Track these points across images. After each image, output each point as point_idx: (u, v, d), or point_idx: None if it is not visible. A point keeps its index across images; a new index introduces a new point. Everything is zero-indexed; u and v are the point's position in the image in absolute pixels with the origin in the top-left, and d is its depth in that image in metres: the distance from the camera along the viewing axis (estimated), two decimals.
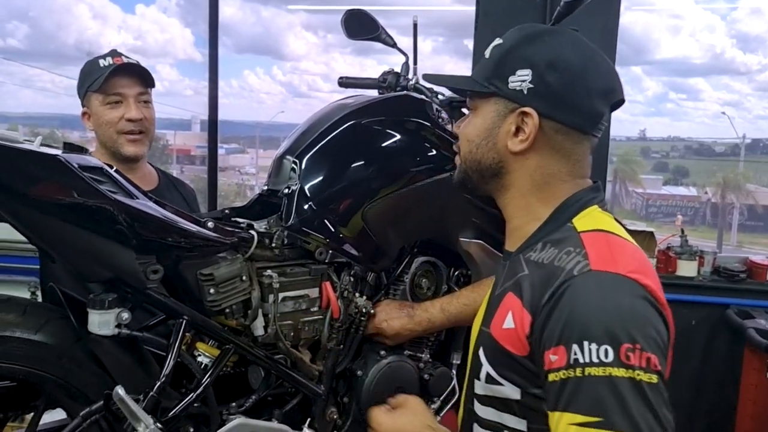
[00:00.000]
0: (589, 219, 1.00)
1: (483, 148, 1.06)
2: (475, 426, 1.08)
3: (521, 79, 0.99)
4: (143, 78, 1.77)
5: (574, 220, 1.01)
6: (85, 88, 1.76)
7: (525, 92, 0.99)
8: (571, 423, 0.83)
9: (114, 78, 1.71)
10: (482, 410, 1.06)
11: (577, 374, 0.84)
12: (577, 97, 0.99)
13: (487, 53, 1.06)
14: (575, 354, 0.84)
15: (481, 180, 1.09)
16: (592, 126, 1.02)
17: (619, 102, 1.06)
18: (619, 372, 0.82)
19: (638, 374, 0.82)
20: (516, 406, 0.98)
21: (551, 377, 0.87)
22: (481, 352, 1.04)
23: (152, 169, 1.93)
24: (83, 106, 1.80)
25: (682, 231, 3.19)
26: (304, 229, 1.35)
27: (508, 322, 0.97)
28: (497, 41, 1.06)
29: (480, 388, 1.05)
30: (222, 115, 3.48)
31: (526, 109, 1.00)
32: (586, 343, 0.84)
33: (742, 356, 2.84)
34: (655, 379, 0.83)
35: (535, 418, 0.95)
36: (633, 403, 0.81)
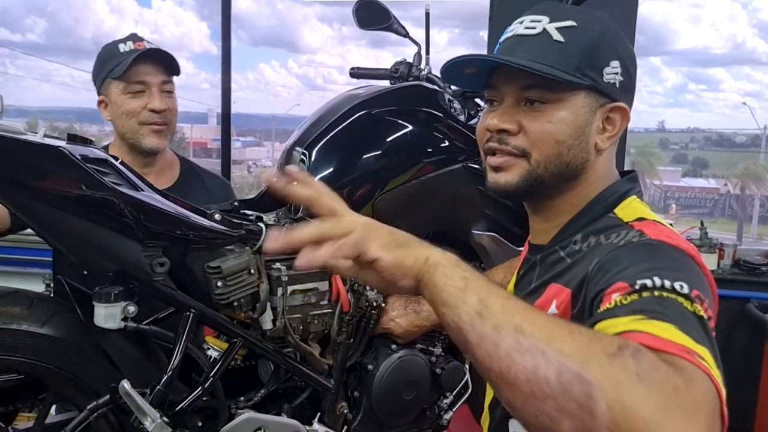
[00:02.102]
0: (631, 210, 0.95)
1: (575, 149, 0.94)
2: (513, 421, 1.01)
3: (614, 71, 0.93)
4: (168, 65, 1.65)
5: (615, 210, 0.95)
6: (103, 75, 1.63)
7: (617, 86, 0.93)
8: (634, 320, 0.70)
9: (137, 65, 1.59)
10: None
11: (643, 295, 0.72)
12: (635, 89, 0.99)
13: (557, 36, 0.92)
14: (642, 281, 0.73)
15: (554, 184, 0.96)
16: None
17: None
18: (693, 308, 0.71)
19: (707, 319, 0.72)
20: None
21: (606, 305, 0.74)
22: None
23: (175, 161, 1.81)
24: (100, 94, 1.66)
25: (702, 223, 3.13)
26: (313, 221, 1.32)
27: (552, 311, 0.91)
28: (566, 23, 0.93)
29: None
30: (238, 108, 3.48)
31: (621, 104, 0.94)
32: (656, 278, 0.73)
33: (762, 350, 2.79)
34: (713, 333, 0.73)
35: None
36: (697, 327, 0.70)
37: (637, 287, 0.73)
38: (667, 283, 0.73)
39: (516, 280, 1.09)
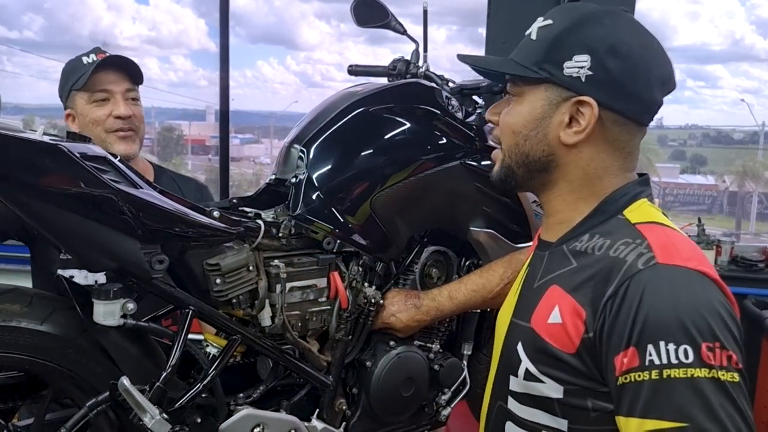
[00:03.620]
0: (640, 212, 0.96)
1: (532, 140, 0.97)
2: (509, 424, 1.03)
3: (579, 65, 0.92)
4: (131, 74, 1.67)
5: (624, 212, 0.96)
6: (68, 88, 1.66)
7: (583, 80, 0.92)
8: (653, 429, 0.78)
9: (100, 73, 1.62)
10: (518, 408, 1.01)
11: (653, 377, 0.79)
12: (636, 86, 0.93)
13: (532, 34, 0.97)
14: (650, 355, 0.79)
15: (526, 175, 1.01)
16: (650, 117, 0.98)
17: (671, 90, 1.00)
18: (701, 372, 0.77)
19: (721, 374, 0.78)
20: (556, 405, 0.93)
21: (622, 380, 0.82)
22: (520, 348, 0.98)
23: (148, 169, 1.83)
24: (66, 107, 1.69)
25: (699, 220, 3.14)
26: (311, 218, 1.33)
27: (554, 317, 0.92)
28: (544, 21, 0.96)
29: (516, 385, 1.00)
30: (236, 105, 3.49)
31: (585, 98, 0.93)
32: (662, 344, 0.79)
33: (760, 347, 2.80)
34: (737, 377, 0.79)
35: (577, 417, 0.91)
36: (718, 404, 0.77)
37: (646, 363, 0.80)
38: (673, 356, 0.78)
39: (525, 274, 1.10)
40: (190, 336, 1.21)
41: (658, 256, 0.85)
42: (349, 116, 1.41)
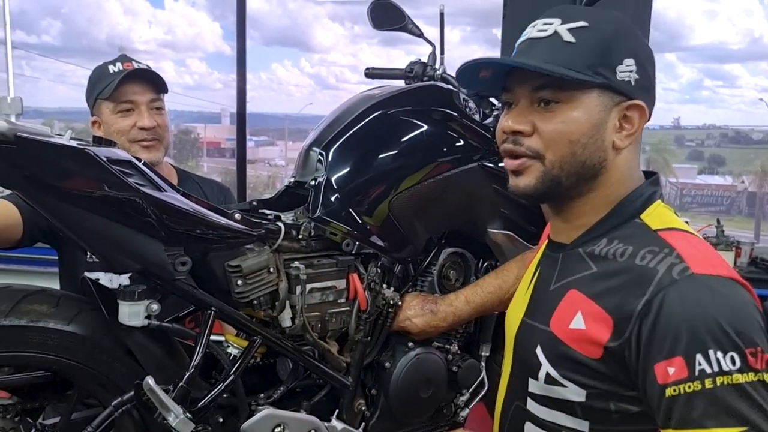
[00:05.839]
0: (658, 217, 0.96)
1: (590, 147, 0.94)
2: (528, 425, 1.03)
3: (629, 69, 0.93)
4: (155, 84, 1.71)
5: (642, 216, 0.96)
6: (94, 96, 1.68)
7: (633, 83, 0.94)
8: None
9: (125, 85, 1.65)
10: (538, 409, 1.01)
11: (707, 386, 0.80)
12: (655, 89, 0.99)
13: (568, 37, 0.93)
14: (700, 365, 0.80)
15: (573, 184, 0.97)
16: None
17: None
18: (749, 377, 0.80)
19: (766, 376, 0.81)
20: (578, 408, 0.94)
21: (671, 392, 0.82)
22: (539, 351, 0.98)
23: (172, 173, 1.86)
24: (92, 114, 1.72)
25: (718, 221, 3.11)
26: (330, 220, 1.34)
27: (577, 323, 0.92)
28: (578, 23, 0.94)
29: (536, 387, 1.00)
30: (251, 107, 3.51)
31: (638, 101, 0.95)
32: (711, 353, 0.80)
33: None
34: None
35: (598, 419, 0.92)
36: (760, 408, 0.80)
37: (696, 373, 0.80)
38: (723, 364, 0.80)
39: (536, 275, 1.10)
40: (212, 337, 1.23)
41: (691, 266, 0.85)
42: (368, 119, 1.42)
